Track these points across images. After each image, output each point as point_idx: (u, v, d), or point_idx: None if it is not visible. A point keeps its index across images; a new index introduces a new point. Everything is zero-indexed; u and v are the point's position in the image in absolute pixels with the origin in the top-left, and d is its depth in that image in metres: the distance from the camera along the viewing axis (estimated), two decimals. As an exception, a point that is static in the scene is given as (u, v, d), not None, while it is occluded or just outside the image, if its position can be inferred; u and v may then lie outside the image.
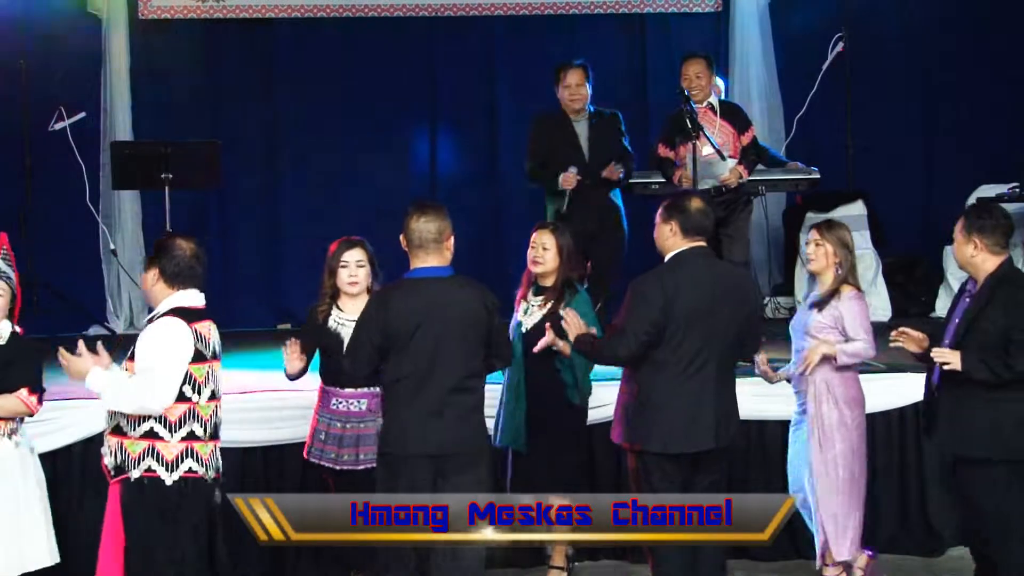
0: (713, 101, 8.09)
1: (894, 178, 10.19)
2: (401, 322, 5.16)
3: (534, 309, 6.20)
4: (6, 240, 5.60)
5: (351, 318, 5.74)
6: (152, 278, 5.15)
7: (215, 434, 5.16)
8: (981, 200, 8.75)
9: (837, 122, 10.07)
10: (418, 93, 10.33)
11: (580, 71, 8.01)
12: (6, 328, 5.56)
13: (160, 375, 4.95)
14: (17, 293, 5.63)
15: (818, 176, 9.05)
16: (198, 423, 5.06)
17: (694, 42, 9.76)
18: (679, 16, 10.45)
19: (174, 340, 4.99)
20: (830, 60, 10.09)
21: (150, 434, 5.01)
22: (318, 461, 6.01)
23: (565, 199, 7.77)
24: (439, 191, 10.07)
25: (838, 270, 6.10)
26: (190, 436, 5.04)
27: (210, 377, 5.11)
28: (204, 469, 5.07)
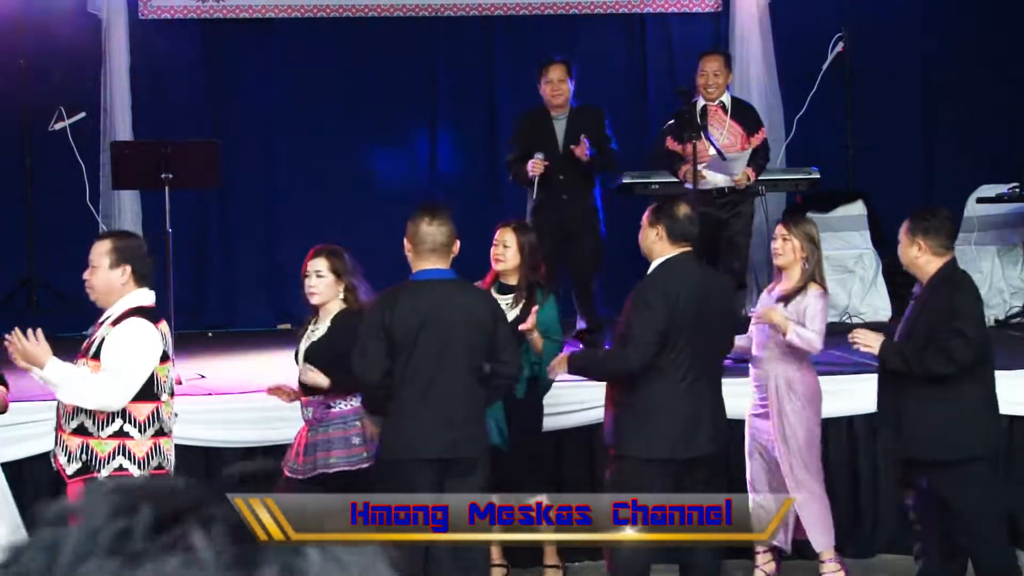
0: (725, 100, 8.08)
1: (894, 178, 10.17)
2: (405, 323, 5.16)
3: (505, 308, 6.19)
4: None
5: (319, 329, 5.67)
6: (122, 277, 5.07)
7: (171, 430, 5.20)
8: (976, 201, 8.75)
9: (837, 122, 10.06)
10: (418, 93, 10.32)
11: (562, 67, 8.00)
12: None
13: (128, 375, 4.97)
14: None
15: (818, 176, 9.03)
16: (162, 421, 5.11)
17: (694, 42, 9.75)
18: (679, 16, 10.44)
19: (145, 342, 5.02)
20: (830, 60, 10.08)
21: (120, 433, 5.02)
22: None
23: (534, 187, 7.75)
24: (439, 190, 10.06)
25: (805, 264, 6.12)
26: (157, 433, 5.08)
27: (169, 376, 5.19)
28: (169, 465, 5.13)
